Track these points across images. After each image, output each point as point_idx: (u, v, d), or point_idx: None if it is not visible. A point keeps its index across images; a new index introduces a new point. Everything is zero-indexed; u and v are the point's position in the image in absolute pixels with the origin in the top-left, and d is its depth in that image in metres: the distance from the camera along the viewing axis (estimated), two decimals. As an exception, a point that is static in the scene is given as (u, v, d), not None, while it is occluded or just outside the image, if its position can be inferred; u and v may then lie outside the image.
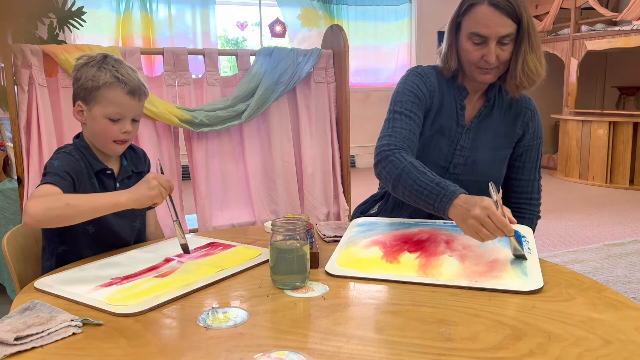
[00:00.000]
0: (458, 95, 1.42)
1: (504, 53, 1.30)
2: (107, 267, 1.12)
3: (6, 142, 2.75)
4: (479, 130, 1.42)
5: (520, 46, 1.31)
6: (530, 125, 1.44)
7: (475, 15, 1.29)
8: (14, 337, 0.77)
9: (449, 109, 1.41)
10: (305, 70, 2.69)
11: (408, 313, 0.88)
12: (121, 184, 1.32)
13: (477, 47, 1.30)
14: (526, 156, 1.45)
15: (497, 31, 1.27)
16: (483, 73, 1.33)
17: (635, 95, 5.99)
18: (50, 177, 1.15)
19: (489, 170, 1.41)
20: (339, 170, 2.84)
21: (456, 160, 1.41)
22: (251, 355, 0.74)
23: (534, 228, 1.46)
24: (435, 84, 1.42)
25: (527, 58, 1.31)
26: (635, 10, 4.74)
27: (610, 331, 0.81)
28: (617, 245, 3.23)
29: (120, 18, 5.00)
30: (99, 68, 1.23)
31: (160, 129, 2.51)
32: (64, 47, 2.29)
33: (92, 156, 1.28)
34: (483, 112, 1.42)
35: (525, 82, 1.33)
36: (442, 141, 1.41)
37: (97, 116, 1.24)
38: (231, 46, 6.02)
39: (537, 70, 1.33)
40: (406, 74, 1.45)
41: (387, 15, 6.04)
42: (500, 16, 1.26)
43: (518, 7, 1.27)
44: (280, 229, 1.00)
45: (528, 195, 1.47)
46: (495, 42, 1.28)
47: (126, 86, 1.23)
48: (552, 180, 5.43)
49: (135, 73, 1.27)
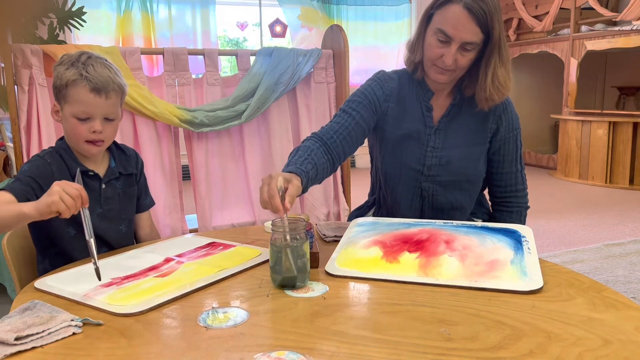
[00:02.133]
0: (422, 96, 1.42)
1: (464, 59, 1.30)
2: (107, 267, 1.12)
3: (6, 142, 2.75)
4: (449, 129, 1.42)
5: (490, 59, 1.31)
6: (504, 117, 1.42)
7: (447, 12, 1.28)
8: (14, 337, 0.77)
9: (414, 112, 1.42)
10: (305, 71, 2.69)
11: (408, 313, 0.88)
12: (107, 185, 1.29)
13: (440, 45, 1.30)
14: (504, 149, 1.44)
15: (462, 36, 1.27)
16: (437, 72, 1.34)
17: (635, 95, 5.99)
18: (12, 183, 1.13)
19: (466, 168, 1.41)
20: (339, 170, 2.84)
21: (429, 162, 1.41)
22: (251, 355, 0.74)
23: (524, 218, 1.48)
24: (395, 89, 1.43)
25: (497, 72, 1.31)
26: (635, 10, 4.74)
27: (610, 331, 0.81)
28: (617, 245, 3.23)
29: (121, 18, 5.00)
30: (69, 67, 1.19)
31: (160, 129, 2.51)
32: (64, 47, 2.29)
33: (72, 158, 1.25)
34: (452, 110, 1.42)
35: (495, 95, 1.33)
36: (412, 144, 1.41)
37: (67, 116, 1.21)
38: (231, 46, 6.02)
39: (506, 84, 1.33)
40: (369, 77, 1.47)
41: (387, 15, 6.04)
42: (471, 22, 1.26)
43: (491, 19, 1.26)
44: (280, 229, 1.00)
45: (512, 187, 1.47)
46: (457, 45, 1.28)
47: (90, 83, 1.18)
48: (552, 180, 5.43)
49: (107, 70, 1.21)
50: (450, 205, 1.44)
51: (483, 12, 1.25)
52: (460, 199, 1.44)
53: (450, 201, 1.43)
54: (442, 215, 1.43)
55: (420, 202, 1.45)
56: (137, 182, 1.38)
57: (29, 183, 1.15)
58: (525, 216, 1.49)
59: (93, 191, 1.25)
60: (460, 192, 1.43)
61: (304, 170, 1.18)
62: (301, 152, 1.26)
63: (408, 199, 1.45)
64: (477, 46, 1.29)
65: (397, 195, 1.47)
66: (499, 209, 1.51)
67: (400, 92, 1.43)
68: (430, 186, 1.43)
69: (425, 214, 1.46)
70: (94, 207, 1.14)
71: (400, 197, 1.46)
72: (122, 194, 1.33)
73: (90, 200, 1.04)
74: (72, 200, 0.98)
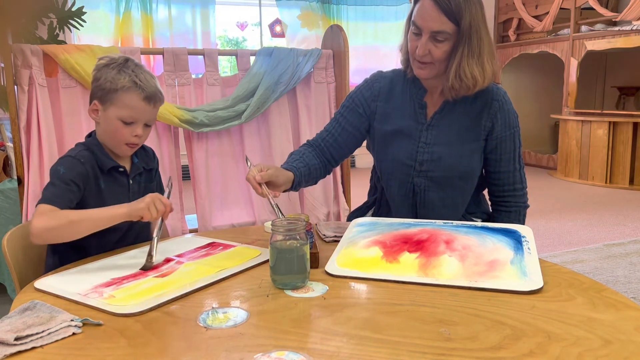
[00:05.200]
0: (415, 94, 1.45)
1: (437, 50, 1.32)
2: (107, 267, 1.12)
3: (6, 142, 2.75)
4: (441, 125, 1.43)
5: (457, 48, 1.32)
6: (499, 115, 1.42)
7: (419, 6, 1.33)
8: (14, 337, 0.77)
9: (405, 109, 1.45)
10: (305, 71, 2.69)
11: (408, 313, 0.88)
12: (133, 180, 1.36)
13: (415, 38, 1.34)
14: (501, 148, 1.44)
15: (429, 25, 1.30)
16: (418, 67, 1.37)
17: (635, 95, 5.99)
18: (50, 192, 1.18)
19: (457, 165, 1.42)
20: (339, 170, 2.84)
21: (421, 157, 1.42)
22: (251, 355, 0.74)
23: (524, 217, 1.48)
24: (384, 87, 1.47)
25: (463, 62, 1.32)
26: (635, 10, 4.74)
27: (610, 331, 0.81)
28: (617, 245, 3.23)
29: (120, 18, 4.99)
30: (119, 71, 1.26)
31: (160, 129, 2.51)
32: (64, 47, 2.29)
33: (105, 154, 1.31)
34: (445, 107, 1.43)
35: (456, 85, 1.34)
36: (403, 140, 1.44)
37: (111, 117, 1.27)
38: (231, 46, 6.02)
39: (472, 76, 1.33)
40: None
41: (387, 15, 6.04)
42: (437, 12, 1.29)
43: (459, 8, 1.28)
44: (280, 229, 1.01)
45: (511, 186, 1.47)
46: (427, 36, 1.31)
47: (143, 91, 1.27)
48: (552, 180, 5.43)
49: (154, 79, 1.31)
50: (442, 203, 1.44)
51: (449, 3, 1.28)
52: (452, 196, 1.44)
53: (442, 197, 1.43)
54: (434, 212, 1.43)
55: (413, 198, 1.45)
56: (154, 178, 1.45)
57: (70, 187, 1.21)
58: (524, 215, 1.48)
59: (122, 186, 1.34)
60: (452, 189, 1.44)
61: (295, 166, 1.35)
62: (294, 156, 1.42)
63: (401, 194, 1.47)
64: (450, 37, 1.31)
65: (391, 190, 1.49)
66: (498, 208, 1.51)
67: (391, 89, 1.47)
68: (422, 181, 1.43)
69: (418, 210, 1.46)
70: (123, 201, 1.21)
71: (394, 193, 1.48)
72: (145, 188, 1.38)
73: (120, 194, 1.27)
74: (156, 212, 1.15)
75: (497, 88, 1.44)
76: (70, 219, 1.14)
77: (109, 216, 1.15)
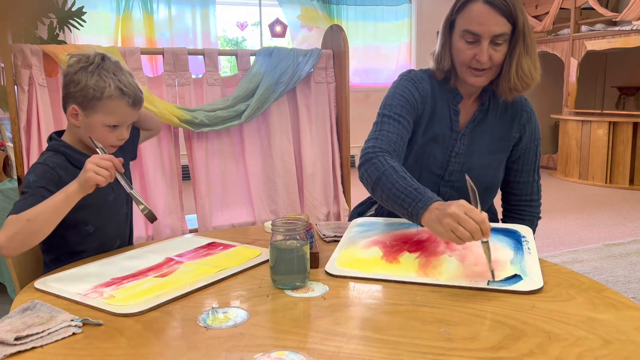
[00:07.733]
0: (452, 100, 1.39)
1: (497, 54, 1.27)
2: (107, 267, 1.12)
3: (6, 142, 2.75)
4: (474, 135, 1.39)
5: (514, 48, 1.28)
6: (527, 127, 1.41)
7: (470, 12, 1.26)
8: (14, 337, 0.77)
9: (442, 115, 1.39)
10: (305, 71, 2.69)
11: (408, 313, 0.88)
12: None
13: (470, 46, 1.28)
14: (524, 158, 1.43)
15: (490, 30, 1.25)
16: (474, 75, 1.31)
17: (635, 95, 5.99)
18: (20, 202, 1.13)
19: (485, 176, 1.39)
20: (339, 170, 2.84)
21: (452, 168, 1.39)
22: (251, 355, 0.74)
23: (535, 228, 1.46)
24: (427, 90, 1.39)
25: (522, 61, 1.28)
26: (635, 10, 4.74)
27: (610, 331, 0.81)
28: (617, 245, 3.23)
29: (120, 18, 5.00)
30: (100, 75, 1.21)
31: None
32: (64, 47, 2.29)
33: (78, 152, 1.27)
34: (478, 116, 1.39)
35: (518, 86, 1.31)
36: (437, 149, 1.39)
37: (95, 124, 1.24)
38: (231, 46, 6.02)
39: (531, 74, 1.30)
40: (398, 78, 1.43)
41: (387, 15, 6.04)
42: (495, 14, 1.24)
43: (514, 7, 1.25)
44: (280, 229, 1.00)
45: (528, 197, 1.46)
46: (488, 41, 1.26)
47: (130, 98, 1.24)
48: (552, 180, 5.43)
49: (133, 78, 1.27)
50: None
51: (505, 3, 1.24)
52: None
53: None
54: None
55: None
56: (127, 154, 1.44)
57: (42, 193, 1.15)
58: (536, 226, 1.47)
59: None
60: None
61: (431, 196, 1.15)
62: (403, 174, 1.21)
63: None
64: (507, 37, 1.27)
65: None
66: (512, 215, 1.48)
67: (432, 94, 1.40)
68: (447, 191, 1.41)
69: None
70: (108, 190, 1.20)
71: None
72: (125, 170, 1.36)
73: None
74: (106, 171, 1.09)
75: (525, 99, 1.43)
76: (27, 218, 1.06)
77: (63, 198, 1.09)
